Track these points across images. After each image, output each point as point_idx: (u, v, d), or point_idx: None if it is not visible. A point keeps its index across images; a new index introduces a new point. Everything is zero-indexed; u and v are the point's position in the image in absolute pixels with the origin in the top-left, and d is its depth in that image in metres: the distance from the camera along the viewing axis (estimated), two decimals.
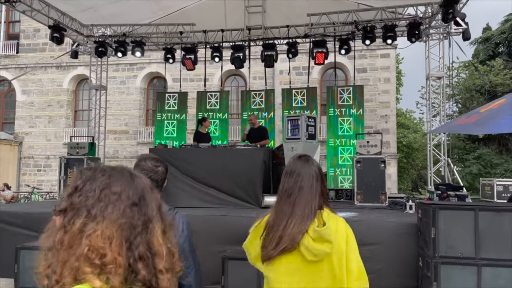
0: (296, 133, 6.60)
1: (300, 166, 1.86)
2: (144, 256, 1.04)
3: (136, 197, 1.08)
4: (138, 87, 16.71)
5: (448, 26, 9.97)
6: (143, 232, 1.05)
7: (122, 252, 1.02)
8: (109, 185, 1.08)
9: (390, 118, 14.25)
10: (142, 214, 1.07)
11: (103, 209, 1.04)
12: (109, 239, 1.02)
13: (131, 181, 1.12)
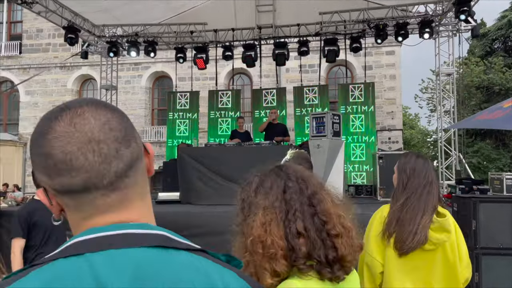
0: (322, 130, 6.71)
1: (422, 164, 1.98)
2: (303, 232, 1.18)
3: (289, 181, 1.24)
4: (143, 86, 16.72)
5: (458, 23, 10.15)
6: (305, 208, 1.20)
7: (279, 233, 1.17)
8: (262, 182, 1.24)
9: (396, 115, 14.45)
10: (302, 192, 1.22)
11: (258, 201, 1.21)
12: (268, 224, 1.18)
13: (279, 171, 1.28)
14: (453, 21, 10.31)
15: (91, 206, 0.66)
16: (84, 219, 0.66)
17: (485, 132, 23.88)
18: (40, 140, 0.65)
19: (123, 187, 0.67)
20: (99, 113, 0.66)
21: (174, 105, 11.89)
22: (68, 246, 0.62)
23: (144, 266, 0.60)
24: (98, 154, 0.64)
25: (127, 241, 0.62)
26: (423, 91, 25.06)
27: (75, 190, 0.64)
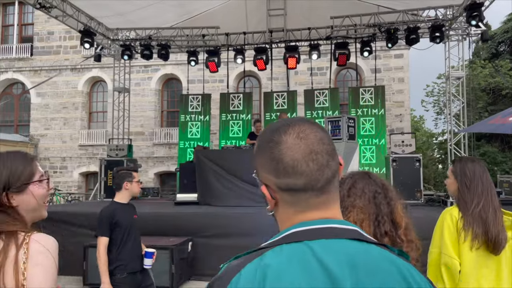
0: (337, 133, 6.86)
1: (480, 167, 2.13)
2: (388, 232, 1.37)
3: (377, 187, 1.44)
4: (153, 88, 16.89)
5: (468, 27, 10.27)
6: (388, 212, 1.39)
7: (371, 231, 1.37)
8: (354, 184, 1.44)
9: (404, 117, 14.57)
10: (386, 197, 1.42)
11: (352, 201, 1.41)
12: (360, 222, 1.38)
13: (369, 177, 1.48)
14: (462, 25, 10.44)
15: (305, 203, 0.83)
16: (296, 213, 0.83)
17: (491, 135, 23.96)
18: (274, 148, 0.83)
19: (329, 191, 0.83)
20: (314, 130, 0.85)
21: (186, 108, 12.05)
22: (288, 235, 0.79)
23: (353, 255, 0.75)
24: (316, 163, 0.81)
25: (334, 233, 0.78)
26: (429, 95, 25.17)
27: (296, 189, 0.82)
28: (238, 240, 5.76)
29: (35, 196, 1.34)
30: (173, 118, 17.42)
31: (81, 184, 17.14)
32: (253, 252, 0.79)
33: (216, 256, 5.80)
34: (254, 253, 0.78)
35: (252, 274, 0.73)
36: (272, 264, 0.73)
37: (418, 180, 7.15)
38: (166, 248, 5.23)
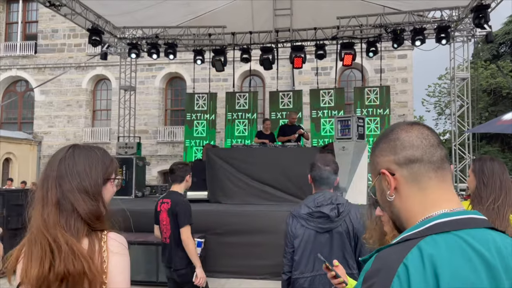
0: (347, 133, 6.93)
1: (498, 165, 2.20)
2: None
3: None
4: (157, 87, 16.95)
5: (473, 29, 10.36)
6: None
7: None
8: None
9: (408, 118, 14.67)
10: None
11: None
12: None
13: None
14: (467, 26, 10.52)
15: (427, 178, 0.90)
16: (420, 191, 0.90)
17: (491, 136, 24.09)
18: (391, 133, 0.97)
19: (444, 168, 0.92)
20: (425, 128, 0.97)
21: (192, 106, 12.11)
22: (433, 226, 0.83)
23: (497, 243, 0.80)
24: (428, 141, 0.93)
25: (474, 223, 0.83)
26: (431, 95, 25.31)
27: (414, 160, 0.91)
28: (249, 238, 5.84)
29: (110, 193, 1.36)
30: (176, 116, 17.49)
31: None
32: (397, 244, 0.82)
33: (227, 253, 5.87)
34: (402, 244, 0.81)
35: (419, 264, 0.76)
36: (435, 254, 0.76)
37: None
38: None
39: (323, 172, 2.38)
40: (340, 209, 2.32)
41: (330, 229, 2.32)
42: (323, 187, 2.41)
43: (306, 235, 2.32)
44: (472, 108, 10.82)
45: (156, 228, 3.60)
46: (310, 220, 2.32)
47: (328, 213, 2.30)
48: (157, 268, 5.38)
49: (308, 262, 2.30)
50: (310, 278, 2.27)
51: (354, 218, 2.35)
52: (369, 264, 0.84)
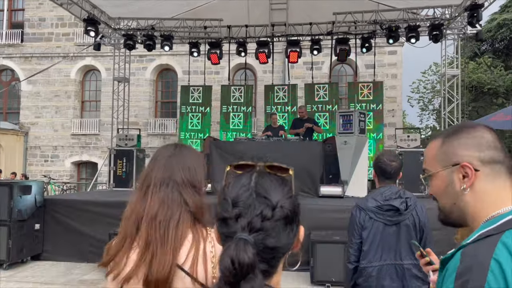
0: (348, 127, 7.11)
1: None
2: None
3: None
4: (148, 78, 16.82)
5: (464, 27, 10.65)
6: None
7: None
8: None
9: (396, 113, 14.99)
10: None
11: None
12: None
13: None
14: (459, 25, 10.81)
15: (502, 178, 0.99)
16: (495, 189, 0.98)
17: None
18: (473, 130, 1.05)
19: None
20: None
21: (186, 99, 12.11)
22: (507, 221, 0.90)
23: None
24: (503, 145, 1.03)
25: None
26: (415, 91, 25.81)
27: (497, 161, 0.99)
28: None
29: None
30: (167, 108, 17.42)
31: (73, 174, 16.99)
32: (479, 240, 0.88)
33: None
34: (485, 240, 0.87)
35: (509, 258, 0.81)
36: None
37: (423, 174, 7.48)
38: None
39: (389, 167, 2.51)
40: (408, 203, 2.46)
41: (398, 221, 2.45)
42: (388, 181, 2.54)
43: (375, 227, 2.44)
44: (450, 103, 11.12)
45: None
46: (379, 213, 2.45)
47: (398, 206, 2.43)
48: None
49: (376, 252, 2.43)
50: (378, 267, 2.40)
51: (420, 212, 2.49)
52: (456, 261, 0.87)
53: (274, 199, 0.78)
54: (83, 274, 5.70)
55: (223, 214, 0.78)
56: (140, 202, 1.30)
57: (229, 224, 0.76)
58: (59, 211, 6.42)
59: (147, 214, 1.27)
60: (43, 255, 6.38)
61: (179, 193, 1.29)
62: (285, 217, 0.78)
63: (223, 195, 0.80)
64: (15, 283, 5.24)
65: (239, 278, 0.71)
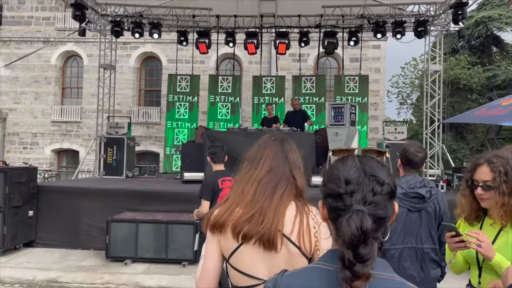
0: (340, 119, 7.29)
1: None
2: None
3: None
4: (131, 66, 16.61)
5: (448, 24, 10.97)
6: None
7: None
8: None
9: (379, 106, 15.34)
10: None
11: None
12: None
13: None
14: (442, 21, 11.13)
15: None
16: None
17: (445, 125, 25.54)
18: None
19: None
20: None
21: (174, 88, 12.06)
22: None
23: None
24: None
25: None
26: (393, 86, 26.36)
27: None
28: None
29: None
30: (151, 97, 17.27)
31: (53, 161, 16.69)
32: None
33: None
34: None
35: None
36: None
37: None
38: (190, 223, 5.46)
39: (416, 157, 2.67)
40: (432, 192, 2.64)
41: (421, 208, 2.62)
42: (413, 170, 2.71)
43: (399, 212, 2.59)
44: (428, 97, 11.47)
45: (207, 205, 3.74)
46: (404, 199, 2.60)
47: (424, 194, 2.59)
48: (166, 246, 5.53)
49: (399, 236, 2.59)
50: (400, 249, 2.57)
51: (441, 201, 2.67)
52: None
53: (381, 177, 0.92)
54: (80, 261, 5.72)
55: (338, 190, 0.91)
56: (249, 172, 1.44)
57: (344, 198, 0.90)
58: (53, 198, 6.39)
59: (254, 179, 1.41)
60: (36, 241, 6.34)
61: (290, 169, 1.44)
62: (390, 192, 0.93)
63: (334, 175, 0.93)
64: (11, 270, 5.22)
65: (360, 243, 0.83)
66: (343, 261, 0.83)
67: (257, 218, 1.33)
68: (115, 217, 5.70)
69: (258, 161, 1.45)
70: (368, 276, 0.83)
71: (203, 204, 3.76)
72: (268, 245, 1.32)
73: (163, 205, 6.13)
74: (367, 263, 0.82)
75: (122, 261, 5.56)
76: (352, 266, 0.82)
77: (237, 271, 1.36)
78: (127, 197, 6.28)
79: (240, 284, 1.37)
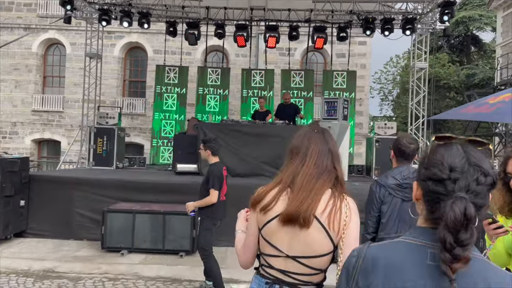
0: (333, 113, 7.40)
1: None
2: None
3: None
4: (116, 56, 16.34)
5: (434, 22, 11.21)
6: None
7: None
8: None
9: (364, 102, 15.57)
10: None
11: None
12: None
13: None
14: (429, 20, 11.37)
15: None
16: None
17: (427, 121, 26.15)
18: None
19: None
20: None
21: (162, 79, 11.95)
22: None
23: None
24: None
25: None
26: (376, 82, 26.77)
27: None
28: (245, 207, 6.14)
29: None
30: (136, 88, 17.05)
31: (33, 152, 16.31)
32: None
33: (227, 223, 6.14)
34: None
35: None
36: None
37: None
38: (187, 214, 5.46)
39: (408, 149, 2.75)
40: None
41: None
42: (406, 162, 2.79)
43: (394, 202, 2.70)
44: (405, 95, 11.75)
45: (216, 193, 4.02)
46: (398, 190, 2.70)
47: None
48: (163, 236, 5.53)
49: (394, 225, 2.68)
50: (394, 238, 2.66)
51: None
52: None
53: (486, 168, 0.96)
54: (74, 251, 5.66)
55: (441, 175, 0.94)
56: (299, 164, 1.58)
57: (446, 184, 0.93)
58: (44, 188, 6.28)
59: (302, 172, 1.55)
60: (27, 232, 6.23)
61: (332, 160, 1.59)
62: (492, 183, 0.96)
63: (437, 160, 0.97)
64: (6, 260, 5.12)
65: (461, 228, 0.88)
66: (444, 244, 0.87)
67: (297, 200, 1.48)
68: (111, 208, 5.66)
69: (305, 155, 1.58)
70: (468, 259, 0.87)
71: (213, 193, 4.02)
72: (301, 223, 1.46)
73: (157, 196, 6.12)
74: (467, 247, 0.87)
75: (118, 252, 5.52)
76: (452, 249, 0.86)
77: (264, 240, 1.53)
78: (121, 187, 6.23)
79: (265, 251, 1.55)
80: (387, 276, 0.93)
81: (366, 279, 0.96)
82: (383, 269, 0.94)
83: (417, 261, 0.93)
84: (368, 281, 0.95)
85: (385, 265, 0.95)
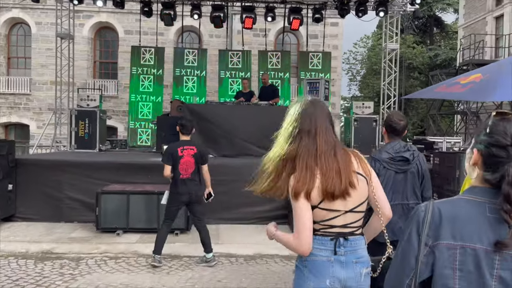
0: (315, 94, 7.64)
1: None
2: None
3: None
4: (85, 36, 15.86)
5: (405, 4, 11.59)
6: None
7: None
8: None
9: (336, 82, 15.92)
10: None
11: None
12: None
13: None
14: (399, 2, 11.74)
15: None
16: None
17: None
18: None
19: None
20: None
21: (137, 60, 11.80)
22: None
23: None
24: None
25: None
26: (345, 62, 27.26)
27: None
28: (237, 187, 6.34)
29: None
30: (106, 69, 16.68)
31: (0, 136, 15.76)
32: None
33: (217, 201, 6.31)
34: None
35: None
36: None
37: (374, 138, 8.35)
38: None
39: (398, 125, 3.01)
40: (415, 155, 3.00)
41: (406, 170, 3.01)
42: (397, 137, 3.04)
43: (388, 175, 2.97)
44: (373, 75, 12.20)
45: (168, 168, 4.45)
46: (391, 163, 2.97)
47: (408, 157, 2.97)
48: (157, 216, 5.64)
49: (388, 194, 2.90)
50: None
51: (422, 162, 3.08)
52: None
53: None
54: (68, 233, 5.69)
55: (505, 142, 1.14)
56: (312, 144, 1.73)
57: (509, 150, 1.14)
58: (32, 172, 6.22)
59: (320, 152, 1.72)
60: (15, 216, 6.18)
61: (333, 129, 1.82)
62: None
63: (501, 130, 1.16)
64: (0, 243, 5.11)
65: None
66: (508, 197, 1.08)
67: (336, 179, 1.66)
68: (105, 189, 5.70)
69: (314, 135, 1.73)
70: None
71: (165, 168, 4.48)
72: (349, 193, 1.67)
73: (148, 177, 6.19)
74: None
75: (114, 232, 5.61)
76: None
77: (324, 210, 1.68)
78: (113, 169, 6.26)
79: (324, 218, 1.68)
80: (453, 227, 1.14)
81: (436, 230, 1.16)
82: (450, 221, 1.15)
83: (478, 213, 1.14)
84: (438, 232, 1.16)
85: (451, 217, 1.16)
